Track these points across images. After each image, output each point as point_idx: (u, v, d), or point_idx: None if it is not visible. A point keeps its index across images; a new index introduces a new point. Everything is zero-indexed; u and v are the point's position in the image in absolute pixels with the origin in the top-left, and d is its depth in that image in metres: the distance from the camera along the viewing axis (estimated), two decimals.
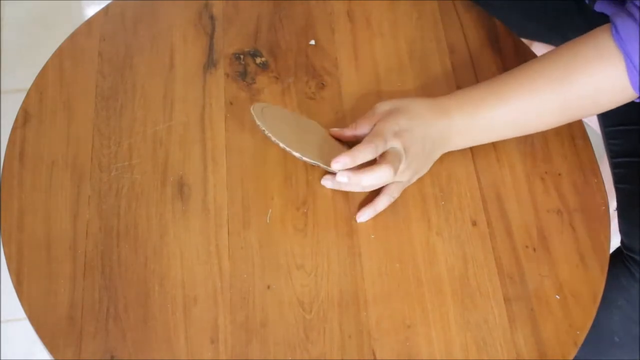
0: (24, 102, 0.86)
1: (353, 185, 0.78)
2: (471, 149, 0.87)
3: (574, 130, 0.90)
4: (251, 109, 0.78)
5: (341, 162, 0.73)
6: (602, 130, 0.97)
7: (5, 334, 1.31)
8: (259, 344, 0.72)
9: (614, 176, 0.94)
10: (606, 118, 0.97)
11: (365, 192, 0.82)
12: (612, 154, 0.94)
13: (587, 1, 0.99)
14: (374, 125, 0.78)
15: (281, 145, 0.76)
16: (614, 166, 0.94)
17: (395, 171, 0.75)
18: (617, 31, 0.72)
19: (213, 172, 0.82)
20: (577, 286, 0.78)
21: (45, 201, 0.79)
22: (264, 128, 0.76)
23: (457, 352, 0.73)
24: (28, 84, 0.88)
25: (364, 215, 0.78)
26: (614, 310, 0.89)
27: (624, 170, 0.92)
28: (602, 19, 0.99)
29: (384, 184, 0.78)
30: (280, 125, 0.79)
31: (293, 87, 0.90)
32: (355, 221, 0.80)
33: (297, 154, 0.76)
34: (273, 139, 0.76)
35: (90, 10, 1.76)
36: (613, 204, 0.94)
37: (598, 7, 0.97)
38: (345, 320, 0.74)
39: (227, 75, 0.90)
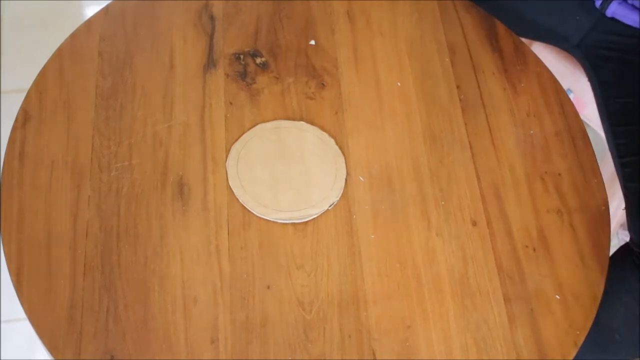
0: (24, 102, 0.86)
1: None
2: (471, 148, 0.87)
3: (573, 130, 0.90)
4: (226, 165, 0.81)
5: None
6: (609, 130, 0.97)
7: (5, 334, 1.30)
8: (259, 344, 0.72)
9: (622, 175, 0.94)
10: (613, 118, 0.97)
11: (366, 193, 0.82)
12: (620, 154, 0.94)
13: (597, 5, 0.99)
14: None
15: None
16: (622, 165, 0.94)
17: None
18: None
19: (213, 172, 0.82)
20: (577, 286, 0.78)
21: (45, 201, 0.79)
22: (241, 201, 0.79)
23: (457, 352, 0.73)
24: (28, 84, 0.88)
25: None
26: (618, 307, 0.89)
27: (633, 169, 0.92)
28: (606, 20, 1.00)
29: None
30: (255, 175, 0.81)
31: (293, 87, 0.90)
32: (355, 221, 0.80)
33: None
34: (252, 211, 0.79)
35: (90, 10, 1.76)
36: (614, 203, 0.94)
37: (610, 12, 0.98)
38: (345, 320, 0.74)
39: (227, 75, 0.90)
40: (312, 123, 0.87)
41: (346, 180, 0.83)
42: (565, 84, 0.96)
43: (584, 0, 1.01)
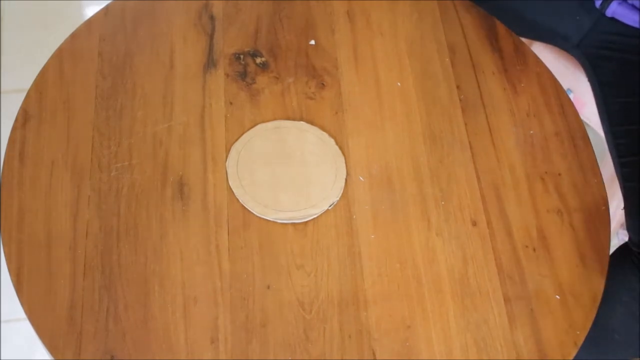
0: (24, 102, 0.86)
1: None
2: (471, 148, 0.87)
3: (574, 130, 0.90)
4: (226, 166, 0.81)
5: None
6: (609, 130, 0.97)
7: (5, 334, 1.30)
8: (259, 344, 0.72)
9: (621, 175, 0.94)
10: (612, 118, 0.97)
11: (366, 193, 0.82)
12: (620, 154, 0.94)
13: (597, 5, 0.99)
14: None
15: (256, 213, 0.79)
16: (621, 165, 0.94)
17: None
18: None
19: (213, 172, 0.82)
20: (577, 286, 0.78)
21: (45, 201, 0.79)
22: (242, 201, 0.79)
23: (457, 352, 0.73)
24: (28, 84, 0.88)
25: None
26: (617, 306, 0.89)
27: (632, 169, 0.92)
28: (606, 20, 1.00)
29: None
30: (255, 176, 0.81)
31: (293, 87, 0.90)
32: (355, 221, 0.80)
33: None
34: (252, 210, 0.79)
35: (90, 10, 1.76)
36: (614, 203, 0.94)
37: (610, 12, 0.98)
38: (345, 320, 0.74)
39: (227, 75, 0.90)
40: (312, 123, 0.87)
41: (346, 180, 0.83)
42: (565, 84, 0.96)
43: (584, 0, 1.01)
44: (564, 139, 0.89)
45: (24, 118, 0.85)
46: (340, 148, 0.85)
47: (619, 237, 1.27)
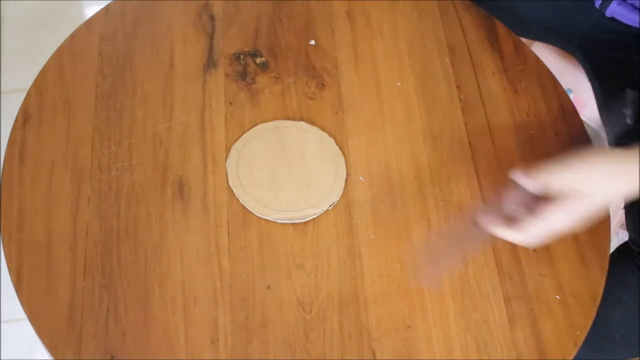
0: (24, 102, 0.86)
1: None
2: (471, 148, 0.87)
3: (574, 130, 0.90)
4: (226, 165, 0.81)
5: None
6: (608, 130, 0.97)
7: (5, 334, 1.30)
8: (259, 344, 0.72)
9: None
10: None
11: (366, 193, 0.82)
12: None
13: (596, 5, 0.99)
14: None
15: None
16: None
17: None
18: None
19: (213, 172, 0.82)
20: (577, 286, 0.78)
21: (45, 201, 0.79)
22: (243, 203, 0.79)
23: (457, 352, 0.73)
24: (28, 84, 0.88)
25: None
26: (617, 306, 0.89)
27: None
28: (606, 20, 1.00)
29: None
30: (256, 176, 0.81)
31: (293, 87, 0.90)
32: (355, 221, 0.80)
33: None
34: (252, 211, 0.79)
35: (90, 10, 1.76)
36: (614, 203, 0.93)
37: (610, 12, 0.98)
38: (345, 320, 0.74)
39: (227, 75, 0.90)
40: (312, 123, 0.87)
41: (346, 180, 0.83)
42: (565, 84, 0.96)
43: (584, 0, 1.02)
44: (564, 139, 0.89)
45: (24, 118, 0.85)
46: (340, 148, 0.85)
47: (618, 237, 1.27)
